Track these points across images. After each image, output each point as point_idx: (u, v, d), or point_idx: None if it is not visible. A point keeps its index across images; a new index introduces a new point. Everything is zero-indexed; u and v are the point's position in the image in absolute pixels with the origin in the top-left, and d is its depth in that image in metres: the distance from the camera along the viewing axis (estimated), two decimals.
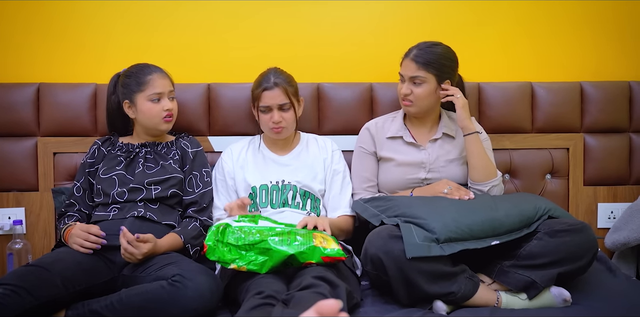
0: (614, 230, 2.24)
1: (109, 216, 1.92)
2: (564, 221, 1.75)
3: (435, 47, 2.02)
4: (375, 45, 2.38)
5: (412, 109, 2.05)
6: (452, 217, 1.72)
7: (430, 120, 2.12)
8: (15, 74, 2.30)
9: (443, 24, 2.38)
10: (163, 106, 2.00)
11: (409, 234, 1.65)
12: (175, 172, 2.01)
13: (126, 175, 1.98)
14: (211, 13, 2.34)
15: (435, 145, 2.09)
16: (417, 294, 1.66)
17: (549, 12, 2.40)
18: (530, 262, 1.70)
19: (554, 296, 1.69)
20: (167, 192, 1.97)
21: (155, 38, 2.34)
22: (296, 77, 2.31)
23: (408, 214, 1.76)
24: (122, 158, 2.02)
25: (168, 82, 2.04)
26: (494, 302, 1.69)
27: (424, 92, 2.01)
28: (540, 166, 2.33)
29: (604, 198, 2.35)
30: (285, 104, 2.02)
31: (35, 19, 2.31)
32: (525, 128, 2.33)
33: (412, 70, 2.00)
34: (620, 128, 2.36)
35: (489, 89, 2.32)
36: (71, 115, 2.23)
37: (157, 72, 2.03)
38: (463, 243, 1.68)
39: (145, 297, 1.57)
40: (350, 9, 2.37)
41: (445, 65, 2.01)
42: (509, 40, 2.41)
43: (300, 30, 2.37)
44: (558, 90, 2.33)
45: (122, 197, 1.94)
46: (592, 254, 1.72)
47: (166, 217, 1.95)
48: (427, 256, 1.61)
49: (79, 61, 2.32)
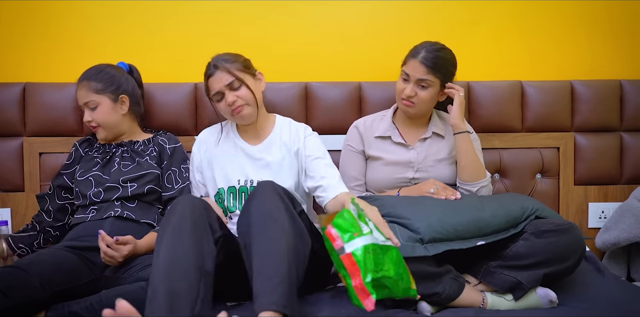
0: (605, 230, 2.22)
1: (87, 217, 1.91)
2: (551, 221, 1.73)
3: (443, 51, 2.00)
4: (364, 44, 2.36)
5: (412, 110, 2.03)
6: (437, 217, 1.70)
7: (422, 120, 2.11)
8: (0, 74, 2.29)
9: (434, 23, 2.37)
10: (85, 117, 2.01)
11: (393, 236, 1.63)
12: (151, 168, 2.00)
13: (102, 175, 1.97)
14: (200, 13, 2.33)
15: (425, 145, 2.07)
16: None
17: (542, 10, 2.39)
18: (516, 263, 1.68)
19: (540, 296, 1.68)
20: (144, 188, 1.96)
21: (145, 38, 2.33)
22: (284, 76, 2.32)
23: (393, 214, 1.75)
24: (99, 159, 2.02)
25: (84, 93, 2.00)
26: (479, 302, 1.68)
27: (427, 96, 1.99)
28: (531, 166, 2.31)
29: (595, 198, 2.33)
30: (233, 82, 1.92)
31: (24, 18, 2.30)
32: (515, 127, 2.32)
33: (421, 73, 1.97)
34: (611, 127, 2.34)
35: (478, 88, 2.30)
36: (57, 115, 2.22)
37: (79, 82, 2.02)
38: (448, 243, 1.66)
39: (125, 299, 1.54)
40: (340, 8, 2.36)
41: (449, 71, 2.01)
42: (501, 39, 2.39)
43: (289, 29, 2.35)
44: (548, 89, 2.32)
45: (98, 197, 1.93)
46: (579, 254, 1.70)
47: (145, 216, 1.94)
48: (411, 256, 1.59)
49: (66, 61, 2.31)
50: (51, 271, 1.63)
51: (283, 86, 2.28)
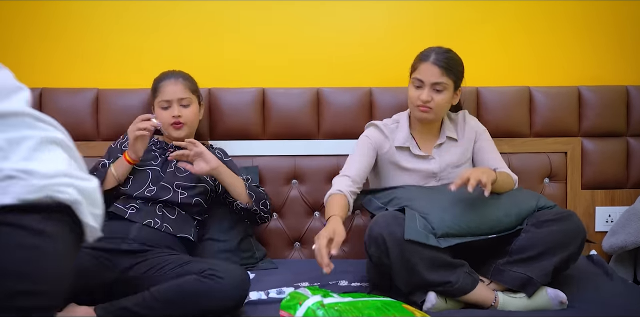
0: (612, 233, 2.25)
1: (126, 213, 1.91)
2: (549, 211, 1.79)
3: (452, 53, 1.96)
4: (375, 49, 2.40)
5: (430, 116, 1.96)
6: (452, 213, 1.75)
7: (435, 125, 2.07)
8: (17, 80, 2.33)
9: (443, 28, 2.40)
10: (171, 113, 2.02)
11: (411, 219, 1.70)
12: (204, 182, 2.04)
13: (160, 171, 2.00)
14: (211, 16, 2.37)
15: (441, 152, 2.04)
16: (416, 280, 1.69)
17: (549, 16, 2.42)
18: (521, 256, 1.72)
19: (551, 298, 1.71)
20: (192, 200, 1.99)
21: (154, 41, 2.37)
22: (295, 81, 2.36)
23: (412, 206, 1.80)
24: (157, 154, 2.04)
25: (180, 88, 2.04)
26: (491, 300, 1.71)
27: (444, 99, 1.93)
28: (539, 170, 2.34)
29: (602, 202, 2.36)
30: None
31: (40, 24, 2.35)
32: (523, 132, 2.35)
33: (436, 75, 1.90)
34: (618, 132, 2.37)
35: (487, 94, 2.34)
36: (73, 120, 2.25)
37: (168, 79, 2.05)
38: (460, 238, 1.72)
39: (181, 291, 1.60)
40: (351, 13, 2.40)
41: (460, 72, 1.97)
42: (508, 45, 2.42)
43: (299, 34, 2.39)
44: (556, 95, 2.35)
45: (150, 193, 1.95)
46: (581, 240, 1.75)
47: (183, 229, 1.96)
48: (424, 242, 1.65)
49: (80, 66, 2.36)
50: None
51: (295, 92, 2.32)
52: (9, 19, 2.35)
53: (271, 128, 2.30)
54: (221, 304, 1.62)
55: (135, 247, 1.85)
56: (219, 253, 2.08)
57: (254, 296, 1.80)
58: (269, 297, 1.81)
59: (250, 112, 2.29)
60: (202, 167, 1.93)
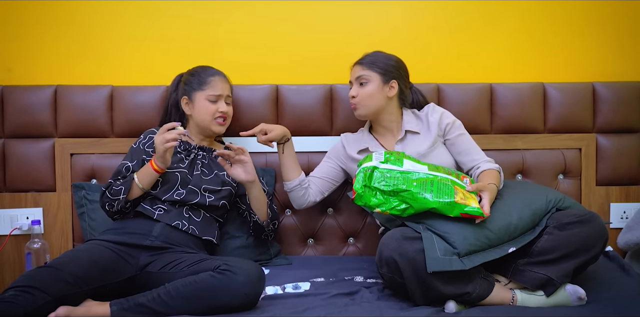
0: (627, 230, 2.24)
1: (154, 214, 1.92)
2: (571, 213, 1.76)
3: (383, 53, 2.09)
4: (387, 47, 2.36)
5: (360, 111, 2.07)
6: (470, 228, 1.70)
7: (392, 123, 2.10)
8: (32, 77, 2.35)
9: (455, 25, 2.40)
10: (218, 108, 2.05)
11: (430, 247, 1.64)
12: (228, 185, 2.06)
13: (188, 174, 2.00)
14: (227, 14, 2.39)
15: (404, 146, 2.06)
16: (433, 295, 1.66)
17: (565, 12, 2.42)
18: (543, 258, 1.71)
19: (569, 293, 1.70)
20: (219, 202, 2.03)
21: (169, 39, 2.38)
22: (307, 78, 2.37)
23: (429, 223, 1.74)
24: (183, 156, 2.04)
25: (227, 86, 2.11)
26: (509, 300, 1.70)
27: (368, 91, 2.04)
28: (553, 166, 2.34)
29: (617, 198, 2.35)
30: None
31: (55, 21, 2.36)
32: (537, 128, 2.34)
33: (357, 71, 2.06)
34: (633, 128, 2.36)
35: (500, 90, 2.33)
36: (88, 116, 2.26)
37: (219, 75, 2.09)
38: (482, 254, 1.68)
39: (195, 287, 1.61)
40: (364, 12, 2.40)
41: (389, 65, 2.05)
42: (523, 41, 2.42)
43: (313, 32, 2.40)
44: (570, 91, 2.34)
45: (179, 196, 1.95)
46: (604, 241, 1.73)
47: (207, 232, 1.99)
48: (449, 270, 1.61)
49: (95, 63, 2.37)
50: (85, 269, 1.67)
51: (308, 88, 2.32)
52: (27, 17, 2.36)
53: (285, 124, 2.29)
54: (236, 299, 1.62)
55: (157, 244, 1.86)
56: (234, 249, 2.10)
57: (270, 290, 1.81)
58: (285, 292, 1.81)
59: (264, 108, 2.30)
60: (239, 173, 1.96)
